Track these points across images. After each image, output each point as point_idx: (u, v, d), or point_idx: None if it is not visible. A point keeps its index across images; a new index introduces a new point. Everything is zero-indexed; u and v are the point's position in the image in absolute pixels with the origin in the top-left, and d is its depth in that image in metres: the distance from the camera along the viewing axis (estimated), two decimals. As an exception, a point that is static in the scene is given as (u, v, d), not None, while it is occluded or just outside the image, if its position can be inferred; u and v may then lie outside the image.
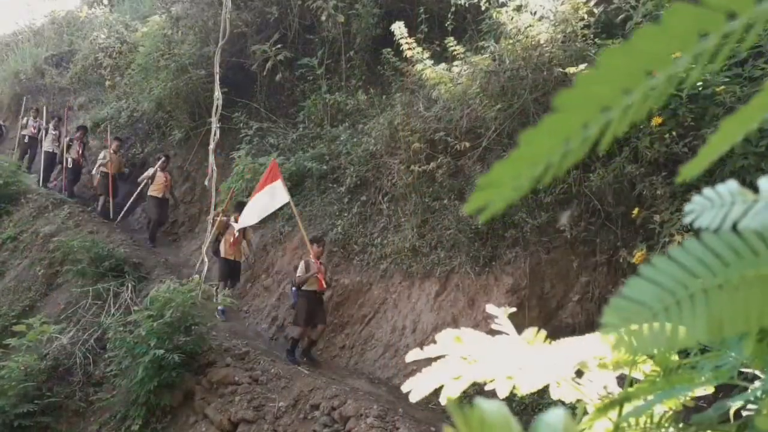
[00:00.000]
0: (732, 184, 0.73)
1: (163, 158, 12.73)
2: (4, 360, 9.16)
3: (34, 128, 16.27)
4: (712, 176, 6.02)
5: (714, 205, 0.71)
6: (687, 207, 0.73)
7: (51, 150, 15.34)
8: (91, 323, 9.99)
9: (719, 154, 0.59)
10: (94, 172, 13.82)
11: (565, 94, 0.48)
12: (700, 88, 6.36)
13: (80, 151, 14.49)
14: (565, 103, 0.47)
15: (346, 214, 9.93)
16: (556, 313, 7.36)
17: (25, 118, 16.58)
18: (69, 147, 14.50)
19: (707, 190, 0.74)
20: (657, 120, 6.44)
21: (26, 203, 13.60)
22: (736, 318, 0.59)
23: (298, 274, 8.63)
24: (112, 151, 13.48)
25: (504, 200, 0.51)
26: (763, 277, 0.60)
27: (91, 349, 9.62)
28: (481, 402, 0.68)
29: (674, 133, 6.42)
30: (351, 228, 9.77)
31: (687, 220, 0.72)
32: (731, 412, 1.07)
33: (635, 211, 6.55)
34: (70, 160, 14.41)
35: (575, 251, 7.40)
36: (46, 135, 15.41)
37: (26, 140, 16.37)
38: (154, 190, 12.54)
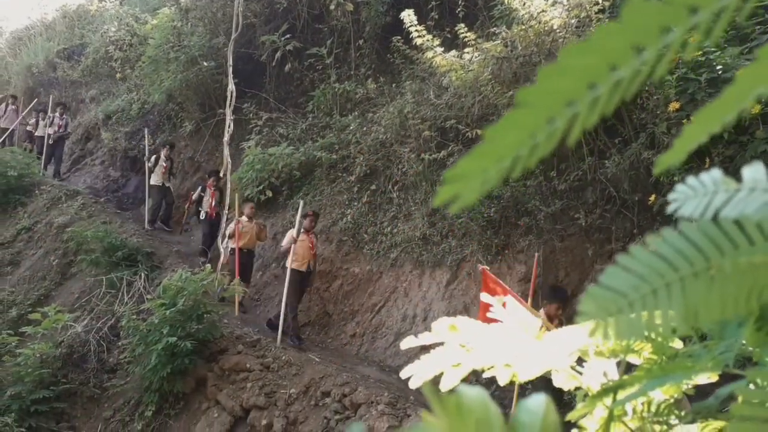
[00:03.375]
0: (716, 173, 0.74)
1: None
2: (20, 347, 9.30)
3: (60, 127, 15.38)
4: (732, 161, 5.94)
5: (697, 194, 0.72)
6: (670, 196, 0.73)
7: (161, 183, 12.80)
8: (105, 312, 10.11)
9: (696, 145, 0.60)
10: (223, 245, 10.76)
11: (527, 89, 0.48)
12: (720, 72, 6.25)
13: (213, 203, 11.57)
14: (528, 99, 0.47)
15: (356, 204, 9.94)
16: (570, 302, 7.33)
17: (51, 116, 15.53)
18: (201, 197, 11.73)
19: (691, 179, 0.74)
20: (674, 105, 6.35)
21: (40, 194, 13.71)
22: (711, 306, 0.60)
23: None
24: (245, 218, 10.21)
25: (473, 193, 0.51)
26: (740, 265, 0.60)
27: (104, 336, 9.75)
28: (460, 388, 0.69)
29: (692, 119, 6.29)
30: (361, 217, 9.78)
31: (671, 208, 0.72)
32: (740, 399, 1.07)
33: (652, 197, 6.46)
34: (203, 213, 11.62)
35: (590, 239, 7.36)
36: (156, 164, 12.73)
37: (51, 141, 15.34)
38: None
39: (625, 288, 0.62)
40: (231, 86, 10.70)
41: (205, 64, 13.00)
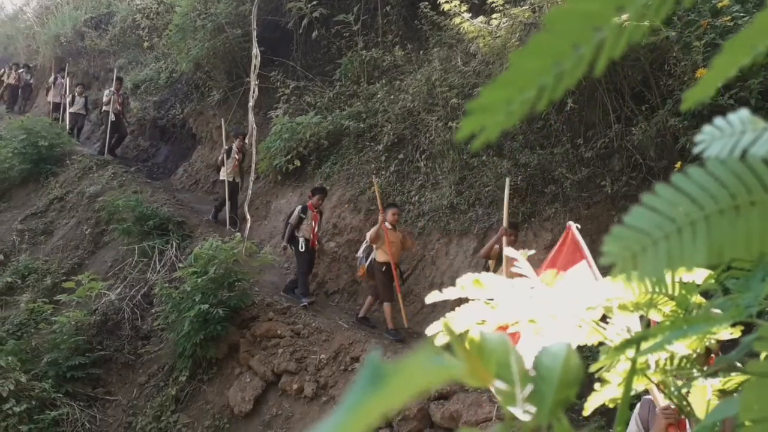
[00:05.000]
0: (744, 113, 0.72)
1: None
2: (55, 315, 9.51)
3: (120, 104, 14.56)
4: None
5: (724, 135, 0.71)
6: (697, 137, 0.73)
7: (231, 179, 11.39)
8: (138, 280, 10.28)
9: (725, 79, 0.59)
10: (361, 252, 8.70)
11: (553, 12, 0.46)
12: (748, 38, 6.13)
13: (315, 228, 9.24)
14: (553, 22, 0.45)
15: (383, 172, 9.94)
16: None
17: (107, 90, 14.65)
18: (301, 219, 9.16)
19: (718, 120, 0.73)
20: (701, 71, 6.24)
21: (71, 164, 13.89)
22: (736, 243, 0.59)
23: None
24: (389, 225, 8.40)
25: (497, 126, 0.50)
26: (766, 202, 0.60)
27: (138, 304, 9.93)
28: (482, 331, 0.70)
29: (719, 85, 6.19)
30: (388, 186, 9.78)
31: (697, 150, 0.71)
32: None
33: (678, 164, 6.41)
34: (302, 241, 9.07)
35: (616, 206, 7.31)
36: (227, 157, 11.33)
37: (112, 118, 14.36)
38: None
39: (650, 227, 0.62)
40: (255, 50, 10.64)
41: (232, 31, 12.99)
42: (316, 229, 9.18)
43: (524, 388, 0.71)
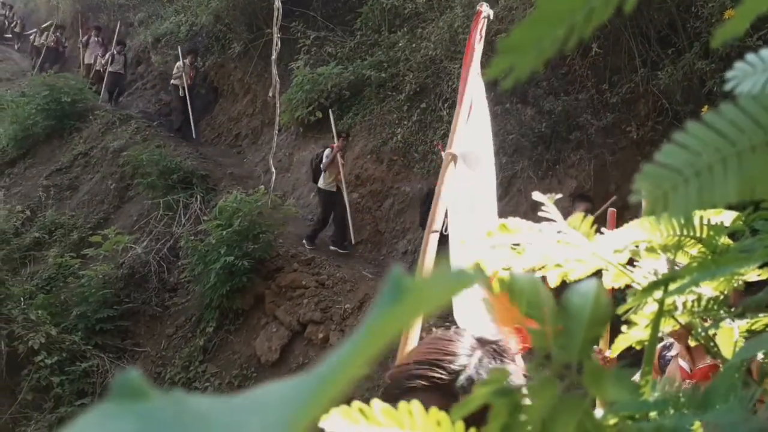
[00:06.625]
0: (776, 48, 0.71)
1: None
2: (83, 269, 9.69)
3: (192, 77, 13.43)
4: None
5: (756, 71, 0.70)
6: (728, 74, 0.71)
7: (334, 188, 9.36)
8: (163, 233, 10.41)
9: (755, 15, 0.58)
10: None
11: None
12: (779, -24, 5.94)
13: None
14: None
15: (406, 122, 9.88)
16: (621, 214, 7.23)
17: (178, 63, 13.47)
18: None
19: (750, 56, 0.72)
20: (729, 12, 6.09)
21: (94, 119, 13.91)
22: (768, 180, 0.59)
23: None
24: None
25: (527, 65, 0.50)
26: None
27: (164, 257, 10.08)
28: (512, 271, 0.70)
29: (748, 26, 6.07)
30: (411, 136, 9.73)
31: (728, 87, 0.70)
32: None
33: (704, 108, 6.31)
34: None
35: (642, 152, 7.23)
36: (331, 161, 9.29)
37: (180, 93, 13.26)
38: None
39: (680, 164, 0.62)
40: (277, 2, 10.52)
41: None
42: None
43: (554, 326, 0.72)
